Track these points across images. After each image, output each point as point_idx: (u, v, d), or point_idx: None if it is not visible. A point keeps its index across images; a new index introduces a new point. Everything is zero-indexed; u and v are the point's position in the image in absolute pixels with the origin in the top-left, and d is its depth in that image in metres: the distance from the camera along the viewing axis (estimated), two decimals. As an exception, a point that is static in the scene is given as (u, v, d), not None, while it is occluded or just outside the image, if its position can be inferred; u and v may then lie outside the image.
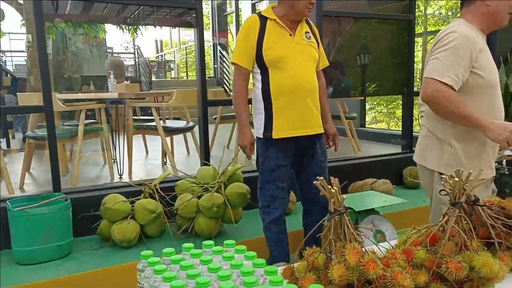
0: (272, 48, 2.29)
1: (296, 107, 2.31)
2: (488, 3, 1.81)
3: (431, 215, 2.04)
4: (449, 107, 1.72)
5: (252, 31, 2.32)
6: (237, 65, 2.36)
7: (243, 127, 2.41)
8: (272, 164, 2.37)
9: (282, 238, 2.46)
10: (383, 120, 11.19)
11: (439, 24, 10.43)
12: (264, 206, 2.44)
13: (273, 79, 2.31)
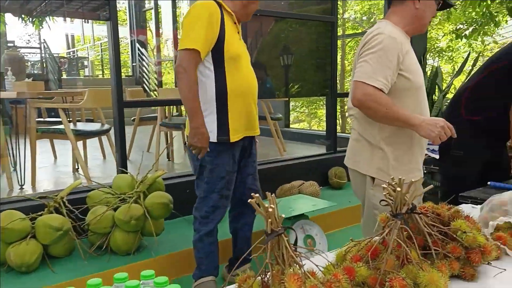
0: (232, 44, 2.16)
1: (247, 108, 2.25)
2: (417, 5, 1.80)
3: (363, 219, 2.00)
4: (381, 110, 1.69)
5: (215, 19, 2.12)
6: (194, 51, 2.06)
7: (201, 125, 2.12)
8: (223, 171, 2.22)
9: (213, 250, 2.33)
10: (304, 120, 11.48)
11: (356, 27, 10.92)
12: (203, 217, 2.28)
13: (230, 78, 2.16)
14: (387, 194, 1.25)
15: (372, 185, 1.84)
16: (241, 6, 2.24)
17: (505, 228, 1.40)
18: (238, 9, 2.24)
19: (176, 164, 4.95)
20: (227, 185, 2.26)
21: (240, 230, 2.51)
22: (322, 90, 4.67)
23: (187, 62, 2.07)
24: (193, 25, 2.09)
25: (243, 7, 2.24)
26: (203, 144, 2.12)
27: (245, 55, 2.30)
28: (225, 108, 2.17)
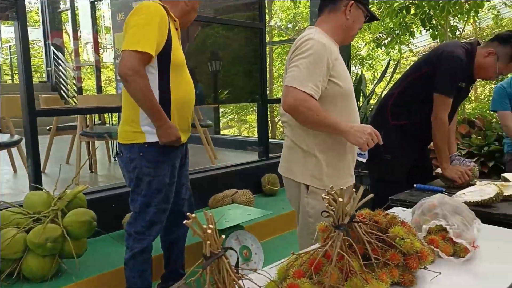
0: (177, 51, 2.05)
1: (188, 117, 2.19)
2: (348, 16, 1.82)
3: (298, 228, 1.96)
4: (311, 116, 1.68)
5: (164, 24, 1.98)
6: (145, 54, 1.91)
7: (166, 120, 2.01)
8: (161, 184, 2.08)
9: (147, 268, 2.16)
10: (235, 126, 11.46)
11: (282, 34, 11.15)
12: (138, 232, 2.11)
13: (175, 86, 2.05)
14: (328, 205, 1.21)
15: (306, 193, 1.83)
16: (183, 13, 2.14)
17: (436, 231, 1.43)
18: (179, 16, 2.14)
19: (100, 176, 4.63)
20: (165, 198, 2.13)
21: (173, 244, 2.38)
22: (252, 96, 4.65)
23: (137, 63, 1.91)
24: (142, 26, 1.93)
25: (184, 14, 2.15)
26: (176, 135, 2.04)
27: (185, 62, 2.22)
28: (168, 115, 2.06)
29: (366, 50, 8.82)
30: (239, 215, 2.78)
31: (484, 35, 8.15)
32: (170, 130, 2.02)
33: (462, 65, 2.21)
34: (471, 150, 3.44)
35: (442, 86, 2.21)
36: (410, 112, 2.36)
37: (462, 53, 2.22)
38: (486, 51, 2.24)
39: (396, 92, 2.44)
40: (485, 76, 2.32)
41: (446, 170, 2.29)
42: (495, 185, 1.92)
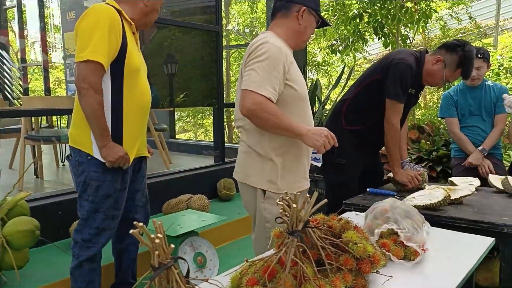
0: (133, 56, 1.95)
1: (142, 125, 2.10)
2: (301, 21, 1.84)
3: (254, 234, 1.94)
4: (270, 119, 1.67)
5: (118, 28, 1.89)
6: (98, 63, 1.83)
7: (110, 139, 1.93)
8: (110, 189, 1.98)
9: (94, 278, 2.06)
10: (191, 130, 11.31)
11: (239, 39, 11.15)
12: (85, 240, 2.01)
13: (128, 93, 1.96)
14: (283, 211, 1.20)
15: (263, 198, 1.81)
16: (142, 14, 2.04)
17: (388, 235, 1.45)
18: (138, 17, 2.04)
19: (47, 182, 4.40)
20: (114, 204, 2.03)
21: (124, 251, 2.28)
22: (209, 100, 4.60)
23: (92, 76, 1.84)
24: (92, 33, 1.84)
25: (144, 15, 2.05)
26: (122, 152, 1.95)
27: (143, 68, 2.12)
28: (120, 125, 1.97)
29: (321, 56, 9.01)
30: (194, 221, 2.72)
31: (432, 44, 8.55)
32: (115, 148, 1.93)
33: (412, 72, 2.28)
34: (421, 155, 3.57)
35: (393, 92, 2.27)
36: (363, 118, 2.41)
37: (412, 60, 2.30)
38: (434, 58, 2.33)
39: (349, 98, 2.48)
40: (433, 82, 2.41)
41: (397, 174, 2.35)
42: (443, 189, 1.99)
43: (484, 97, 2.95)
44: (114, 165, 1.94)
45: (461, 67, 2.31)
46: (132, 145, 2.04)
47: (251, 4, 10.26)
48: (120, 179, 2.03)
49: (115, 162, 1.93)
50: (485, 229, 1.75)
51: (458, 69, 2.32)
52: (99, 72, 1.85)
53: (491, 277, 2.06)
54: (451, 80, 2.42)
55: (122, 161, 1.95)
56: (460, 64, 2.30)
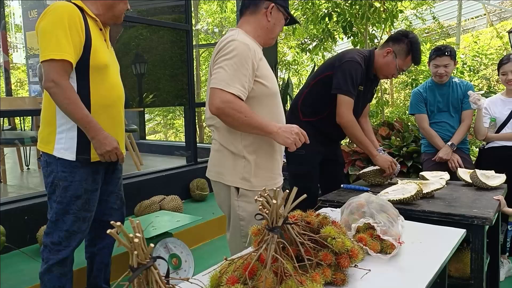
0: (99, 52, 1.90)
1: (113, 123, 2.02)
2: (269, 18, 1.84)
3: (229, 233, 1.92)
4: (240, 118, 1.66)
5: (79, 24, 1.83)
6: (63, 61, 1.79)
7: (99, 131, 1.87)
8: (79, 190, 1.92)
9: (64, 283, 1.98)
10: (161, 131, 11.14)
11: (208, 38, 11.07)
12: (54, 243, 1.93)
13: (95, 90, 1.90)
14: (261, 207, 1.18)
15: (237, 196, 1.80)
16: (106, 8, 1.98)
17: (365, 229, 1.47)
18: (103, 12, 1.99)
19: (10, 186, 4.22)
20: (85, 205, 1.96)
21: (97, 255, 2.21)
22: (179, 100, 4.54)
23: (57, 74, 1.79)
24: (53, 31, 1.80)
25: (108, 8, 1.99)
26: (113, 144, 1.90)
27: (114, 64, 2.06)
28: None
29: (291, 55, 9.07)
30: (167, 222, 2.67)
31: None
32: (106, 140, 1.88)
33: (360, 69, 2.41)
34: (391, 151, 3.65)
35: (341, 86, 2.38)
36: (316, 110, 2.52)
37: (360, 59, 2.43)
38: (384, 51, 2.46)
39: (304, 92, 2.60)
40: (388, 72, 2.52)
41: (376, 158, 2.44)
42: (415, 184, 2.04)
43: (451, 94, 3.03)
44: (104, 159, 1.89)
45: (410, 54, 2.44)
46: None
47: (221, 4, 10.22)
48: (90, 179, 1.96)
49: (104, 155, 1.88)
50: (456, 221, 1.80)
51: (408, 56, 2.45)
52: (65, 69, 1.81)
53: (462, 268, 2.11)
54: (405, 69, 2.54)
55: (112, 155, 1.90)
56: (409, 51, 2.43)
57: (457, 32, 9.42)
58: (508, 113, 2.89)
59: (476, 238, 1.81)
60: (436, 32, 9.59)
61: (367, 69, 2.47)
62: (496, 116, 2.94)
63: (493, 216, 1.83)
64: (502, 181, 2.33)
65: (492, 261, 2.34)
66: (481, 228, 1.79)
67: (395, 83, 8.30)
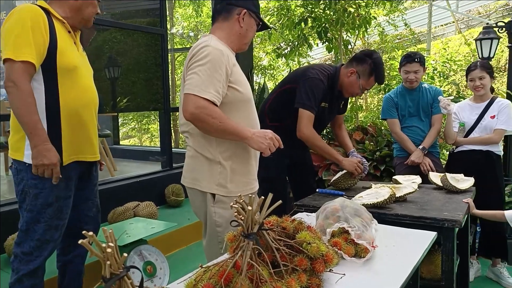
0: (66, 54, 1.85)
1: (84, 126, 1.98)
2: (242, 24, 1.84)
3: (205, 240, 1.90)
4: (214, 124, 1.65)
5: (43, 25, 1.79)
6: (25, 62, 1.75)
7: (44, 141, 1.79)
8: (50, 197, 1.86)
9: None
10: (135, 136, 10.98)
11: (184, 42, 11.01)
12: (25, 253, 1.87)
13: (64, 92, 1.85)
14: (237, 214, 1.18)
15: (213, 202, 1.78)
16: (74, 11, 1.95)
17: (339, 233, 1.48)
18: (71, 15, 1.95)
19: None
20: (57, 213, 1.90)
21: (70, 264, 2.15)
22: (154, 104, 4.49)
23: (17, 74, 1.75)
24: (14, 32, 1.77)
25: (76, 11, 1.96)
26: (52, 160, 1.80)
27: (85, 67, 2.02)
28: (57, 127, 1.87)
29: (267, 60, 9.11)
30: (142, 229, 2.63)
31: (371, 49, 8.96)
32: (46, 152, 1.78)
33: (322, 86, 2.50)
34: (365, 155, 3.70)
35: (303, 101, 2.46)
36: (280, 117, 2.61)
37: (323, 77, 2.52)
38: (348, 71, 2.54)
39: (271, 98, 2.70)
40: (352, 92, 2.61)
41: (342, 163, 2.51)
42: (388, 188, 2.07)
43: (421, 99, 3.11)
44: (38, 172, 1.80)
45: (373, 75, 2.51)
46: (72, 148, 1.93)
47: (196, 8, 10.18)
48: (63, 186, 1.91)
49: (38, 168, 1.79)
50: (428, 224, 1.84)
51: (371, 77, 2.52)
52: (26, 70, 1.77)
53: (433, 269, 2.17)
54: (368, 88, 2.62)
55: (47, 171, 1.80)
56: (371, 72, 2.50)
57: (428, 38, 9.70)
58: (476, 118, 2.99)
59: (446, 240, 1.86)
60: (408, 38, 9.83)
61: (331, 86, 2.56)
62: (464, 121, 3.03)
63: (463, 219, 1.88)
64: (471, 184, 2.40)
65: (462, 262, 2.41)
66: (452, 231, 1.84)
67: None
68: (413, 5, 12.03)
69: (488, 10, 10.48)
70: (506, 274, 2.93)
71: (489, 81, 2.95)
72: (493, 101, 2.97)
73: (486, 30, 3.86)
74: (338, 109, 2.79)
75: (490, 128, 2.93)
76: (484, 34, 3.83)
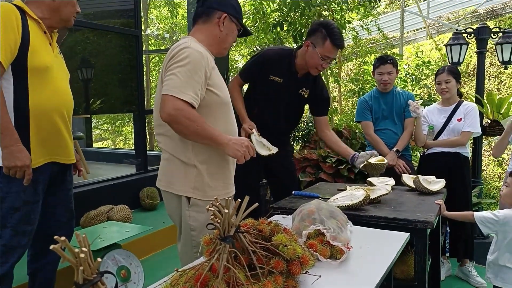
0: (38, 53, 1.80)
1: (55, 128, 1.92)
2: (222, 28, 1.83)
3: (180, 244, 1.89)
4: (191, 127, 1.64)
5: (16, 23, 1.73)
6: None
7: (15, 142, 1.74)
8: (18, 201, 1.80)
9: None
10: (109, 138, 10.79)
11: (159, 44, 10.90)
12: None
13: (34, 93, 1.80)
14: (213, 217, 1.18)
15: (188, 206, 1.77)
16: (52, 11, 1.90)
17: (315, 235, 1.50)
18: (49, 15, 1.90)
19: None
20: (25, 218, 1.84)
21: (40, 271, 2.08)
22: (128, 106, 4.42)
23: None
24: None
25: (54, 12, 1.91)
26: (25, 161, 1.75)
27: (60, 69, 1.97)
28: (26, 128, 1.81)
29: (243, 62, 9.12)
30: (116, 232, 2.57)
31: (346, 53, 9.08)
32: (18, 153, 1.74)
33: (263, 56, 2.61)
34: (340, 157, 3.75)
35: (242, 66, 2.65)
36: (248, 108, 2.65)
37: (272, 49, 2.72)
38: (304, 45, 2.54)
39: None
40: (315, 64, 2.52)
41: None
42: (363, 190, 2.10)
43: (394, 102, 3.18)
44: (10, 173, 1.75)
45: (328, 37, 2.45)
46: (41, 150, 1.88)
47: (171, 10, 10.10)
48: (31, 190, 1.85)
49: (10, 169, 1.74)
50: (401, 226, 1.88)
51: (326, 41, 2.46)
52: None
53: (407, 270, 2.21)
54: (329, 55, 2.51)
55: (19, 172, 1.76)
56: (325, 36, 2.45)
57: (400, 43, 9.91)
58: (444, 121, 3.08)
59: (419, 241, 1.90)
60: (381, 42, 10.03)
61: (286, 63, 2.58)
62: (433, 124, 3.12)
63: (435, 220, 1.93)
64: (442, 186, 2.47)
65: (434, 262, 2.47)
66: (424, 232, 1.88)
67: (343, 91, 8.58)
68: (386, 10, 12.31)
69: (458, 16, 10.81)
70: (475, 273, 3.02)
71: (454, 85, 3.05)
72: (460, 104, 3.08)
73: (455, 36, 3.97)
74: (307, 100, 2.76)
75: (457, 130, 3.03)
76: (454, 40, 3.95)
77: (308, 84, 2.68)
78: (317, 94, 2.75)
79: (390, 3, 12.33)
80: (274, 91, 2.58)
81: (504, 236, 2.14)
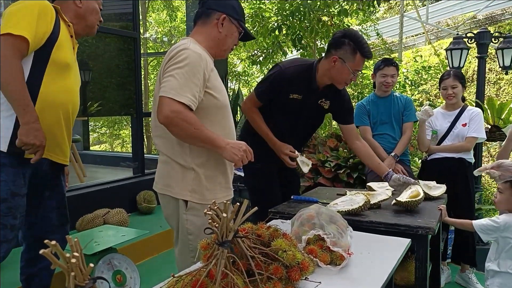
0: (63, 50, 1.82)
1: (58, 125, 1.91)
2: (221, 29, 1.81)
3: (177, 248, 1.85)
4: (189, 129, 1.61)
5: (50, 17, 1.80)
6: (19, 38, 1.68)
7: (35, 120, 1.73)
8: (5, 191, 1.74)
9: None
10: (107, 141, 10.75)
11: (158, 47, 10.90)
12: None
13: (48, 85, 1.81)
14: (211, 221, 1.15)
15: (185, 209, 1.74)
16: (78, 18, 1.96)
17: (315, 241, 1.47)
18: (76, 22, 1.95)
19: None
20: (12, 211, 1.78)
21: (35, 277, 2.03)
22: (126, 109, 4.39)
23: (8, 48, 1.67)
24: (21, 13, 1.73)
25: (80, 18, 1.96)
26: (42, 141, 1.75)
27: (75, 73, 2.00)
28: None
29: (242, 66, 9.12)
30: (112, 236, 2.54)
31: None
32: (36, 132, 1.72)
33: (281, 76, 2.35)
34: (339, 162, 3.73)
35: (257, 85, 2.48)
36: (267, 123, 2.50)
37: (290, 67, 2.37)
38: (330, 60, 2.31)
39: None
40: (345, 80, 2.37)
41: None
42: (363, 195, 2.08)
43: (393, 106, 3.16)
44: (23, 146, 1.72)
45: (358, 51, 2.28)
46: None
47: (170, 13, 10.10)
48: (21, 182, 1.80)
49: (25, 144, 1.71)
50: (402, 231, 1.85)
51: (356, 54, 2.28)
52: (18, 47, 1.70)
53: (407, 276, 2.18)
54: (360, 68, 2.39)
55: (32, 150, 1.74)
56: (354, 50, 2.27)
57: (399, 48, 9.93)
58: (448, 126, 3.05)
59: (420, 247, 1.87)
60: (380, 47, 10.05)
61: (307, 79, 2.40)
62: (437, 129, 3.09)
63: (436, 226, 1.90)
64: (443, 191, 2.44)
65: (434, 268, 2.44)
66: (425, 238, 1.85)
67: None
68: (385, 16, 12.35)
69: (457, 22, 10.85)
70: (475, 280, 2.99)
71: (461, 90, 3.02)
72: (464, 109, 3.04)
73: (456, 41, 3.97)
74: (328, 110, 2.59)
75: (462, 136, 3.00)
76: (454, 44, 3.94)
77: (329, 94, 2.51)
78: (340, 103, 2.57)
79: (389, 8, 12.37)
80: (293, 107, 2.43)
81: (505, 242, 2.11)
